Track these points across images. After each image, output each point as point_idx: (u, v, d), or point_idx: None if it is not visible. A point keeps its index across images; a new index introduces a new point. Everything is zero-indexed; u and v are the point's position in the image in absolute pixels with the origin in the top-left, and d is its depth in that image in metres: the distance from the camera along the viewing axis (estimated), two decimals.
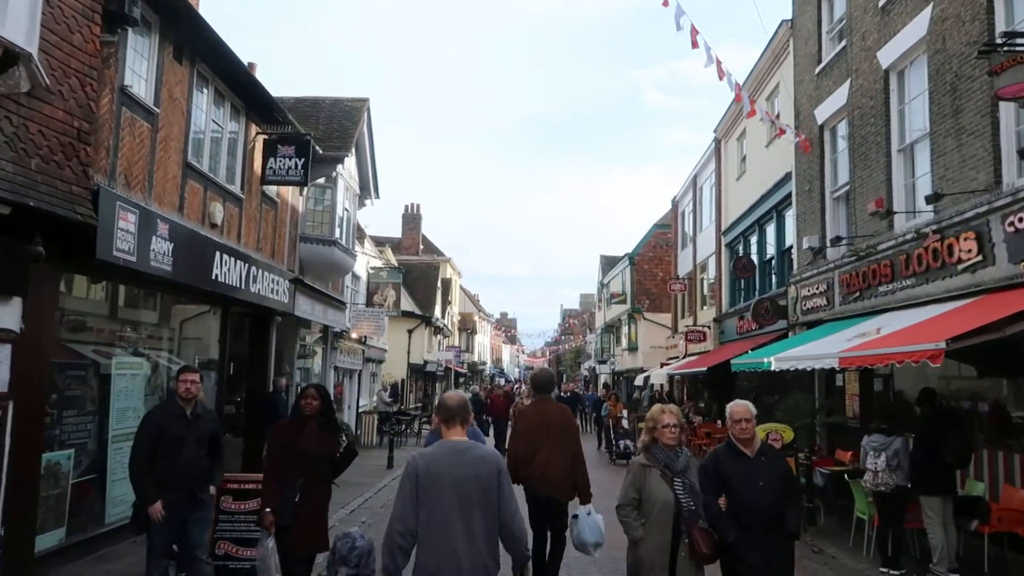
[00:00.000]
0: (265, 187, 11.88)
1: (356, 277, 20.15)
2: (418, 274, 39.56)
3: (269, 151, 11.42)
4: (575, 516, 5.92)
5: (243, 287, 10.44)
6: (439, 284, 41.22)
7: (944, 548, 7.32)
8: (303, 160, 11.36)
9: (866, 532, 8.59)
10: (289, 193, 13.23)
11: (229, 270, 9.91)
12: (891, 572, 7.60)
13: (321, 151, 13.47)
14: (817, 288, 13.92)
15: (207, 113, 9.90)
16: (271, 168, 11.33)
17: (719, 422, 19.53)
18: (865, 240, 12.06)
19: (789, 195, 16.58)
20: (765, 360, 11.27)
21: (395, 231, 45.08)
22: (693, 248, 27.89)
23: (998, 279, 8.53)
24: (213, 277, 9.41)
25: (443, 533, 3.60)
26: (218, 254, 9.56)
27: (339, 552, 3.99)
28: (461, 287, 57.44)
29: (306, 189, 13.92)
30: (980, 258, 8.88)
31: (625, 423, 18.18)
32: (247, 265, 10.56)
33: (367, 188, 16.91)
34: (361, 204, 17.07)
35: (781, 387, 15.91)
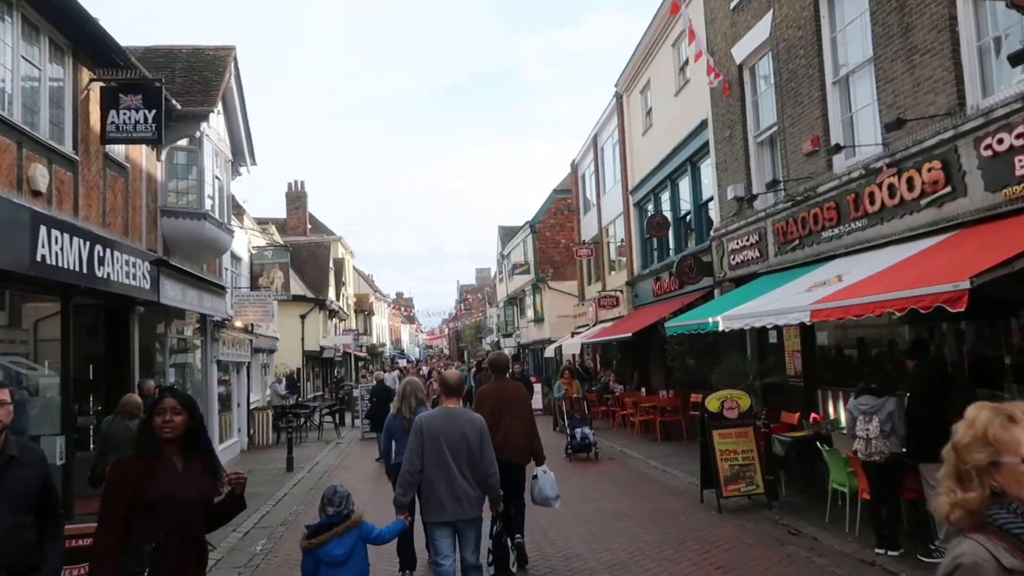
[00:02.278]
0: (109, 148, 9.69)
1: (236, 258, 17.87)
2: (307, 255, 37.00)
3: (109, 102, 9.23)
4: (535, 476, 6.86)
5: (85, 271, 8.34)
6: (331, 264, 38.75)
7: None
8: (154, 112, 9.25)
9: (848, 507, 7.56)
10: (143, 157, 11.01)
11: (63, 249, 7.80)
12: (890, 553, 6.57)
13: (180, 106, 11.30)
14: (747, 240, 12.97)
15: (15, 48, 7.68)
16: (113, 123, 9.16)
17: (643, 390, 18.63)
18: (802, 183, 11.11)
19: (706, 144, 15.60)
20: (710, 320, 10.16)
21: (279, 212, 42.15)
22: (598, 211, 26.91)
23: (974, 210, 7.61)
24: (39, 259, 7.31)
25: (443, 473, 4.99)
26: (44, 229, 7.46)
27: (325, 497, 4.68)
28: (354, 267, 54.85)
29: (164, 153, 11.71)
30: (948, 189, 7.96)
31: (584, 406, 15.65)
32: (89, 243, 8.45)
33: (241, 153, 14.69)
34: (235, 173, 14.84)
35: (709, 348, 15.02)
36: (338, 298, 41.20)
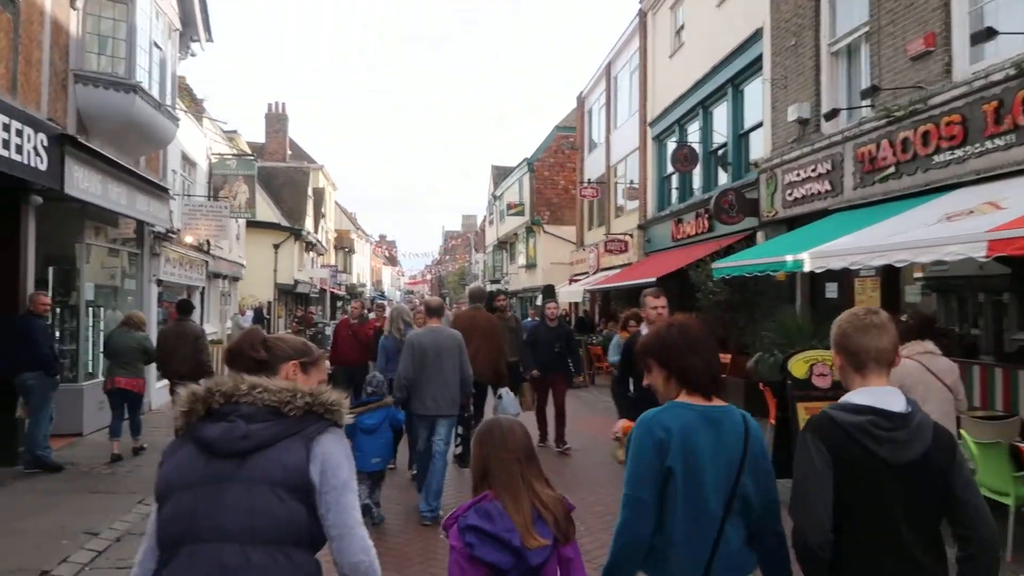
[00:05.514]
0: None
1: (191, 163, 15.12)
2: (285, 180, 34.17)
3: None
4: (499, 396, 7.83)
5: None
6: (310, 193, 35.95)
7: None
8: None
9: (1011, 526, 5.24)
10: None
11: None
12: None
13: None
14: (812, 170, 10.55)
15: None
16: None
17: None
18: (905, 94, 8.64)
19: (757, 60, 13.04)
20: (788, 259, 7.76)
21: (258, 136, 38.94)
22: (606, 148, 24.34)
23: None
24: None
25: (429, 379, 6.27)
26: None
27: (367, 383, 6.40)
28: (336, 202, 51.87)
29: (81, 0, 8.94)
30: None
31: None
32: None
33: (193, 24, 11.83)
34: (186, 49, 12.03)
35: (747, 303, 12.63)
36: (316, 230, 38.50)
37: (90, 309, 10.61)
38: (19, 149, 7.21)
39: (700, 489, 2.23)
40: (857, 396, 2.18)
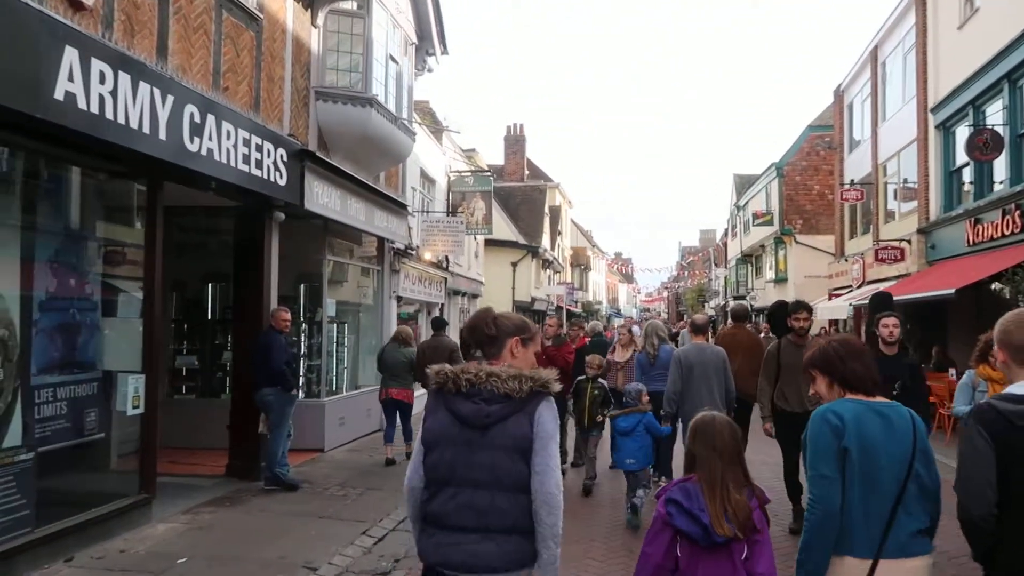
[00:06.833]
0: None
1: (430, 180, 15.25)
2: (522, 199, 34.54)
3: None
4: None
5: (163, 137, 5.71)
6: (546, 211, 36.06)
7: None
8: None
9: None
10: (287, 12, 8.30)
11: (117, 96, 5.16)
12: None
13: None
14: None
15: None
16: None
17: (951, 372, 13.64)
18: None
19: None
20: None
21: (497, 158, 39.99)
22: (872, 144, 21.46)
23: None
24: (57, 96, 4.68)
25: (697, 391, 6.65)
26: (76, 56, 4.81)
27: (625, 391, 7.13)
28: (572, 220, 51.99)
29: (322, 16, 8.98)
30: None
31: None
32: (172, 99, 5.79)
33: (428, 38, 11.73)
34: (422, 64, 11.99)
35: None
36: (553, 248, 38.58)
37: (333, 325, 10.74)
38: (259, 164, 7.18)
39: (875, 468, 2.53)
40: (1018, 387, 2.43)
